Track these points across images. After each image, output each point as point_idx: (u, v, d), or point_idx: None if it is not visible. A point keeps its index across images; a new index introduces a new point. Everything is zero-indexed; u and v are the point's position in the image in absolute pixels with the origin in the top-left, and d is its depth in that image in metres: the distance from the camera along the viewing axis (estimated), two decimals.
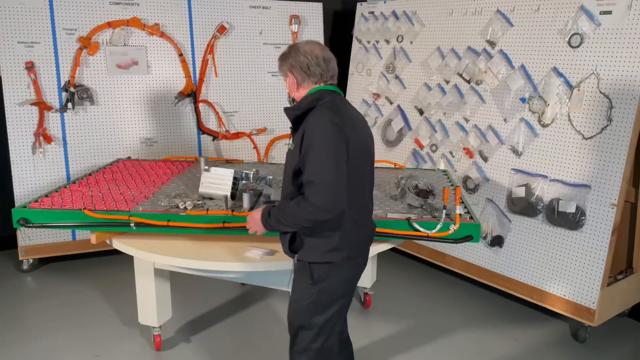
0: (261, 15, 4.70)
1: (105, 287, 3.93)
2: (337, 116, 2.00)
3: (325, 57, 2.13)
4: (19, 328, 3.39)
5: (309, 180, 1.93)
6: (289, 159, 2.13)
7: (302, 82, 2.13)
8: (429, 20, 4.16)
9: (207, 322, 3.47)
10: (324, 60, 2.11)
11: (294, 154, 2.06)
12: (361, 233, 2.18)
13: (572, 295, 3.27)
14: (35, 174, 4.08)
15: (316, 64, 2.10)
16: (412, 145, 4.28)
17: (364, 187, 2.17)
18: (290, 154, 2.11)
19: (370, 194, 2.24)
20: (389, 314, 3.61)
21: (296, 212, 1.96)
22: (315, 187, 1.91)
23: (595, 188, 3.14)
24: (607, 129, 3.09)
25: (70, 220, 2.76)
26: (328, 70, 2.13)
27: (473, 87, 3.80)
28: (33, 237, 4.11)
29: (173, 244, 2.74)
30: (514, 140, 3.55)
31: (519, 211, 3.52)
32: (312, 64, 2.09)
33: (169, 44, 4.38)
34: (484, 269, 3.75)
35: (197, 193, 2.98)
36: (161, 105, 4.44)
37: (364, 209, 2.20)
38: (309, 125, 1.99)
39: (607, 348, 3.26)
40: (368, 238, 2.25)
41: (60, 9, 4.05)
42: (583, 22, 3.18)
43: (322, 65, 2.11)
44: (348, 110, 2.12)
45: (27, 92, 4.01)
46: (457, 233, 2.63)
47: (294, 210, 1.96)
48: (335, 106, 2.06)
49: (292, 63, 2.12)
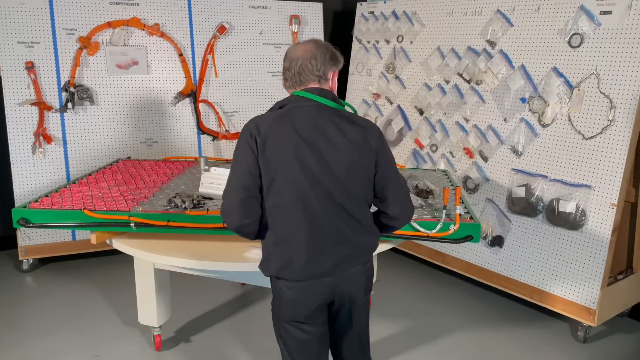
0: (261, 15, 4.70)
1: (105, 287, 3.93)
2: (255, 121, 1.94)
3: (294, 58, 1.98)
4: (19, 328, 3.39)
5: None
6: None
7: (286, 85, 2.06)
8: (429, 20, 4.16)
9: (207, 322, 3.47)
10: (291, 62, 1.99)
11: None
12: (285, 255, 1.95)
13: (572, 295, 3.27)
14: (35, 174, 4.08)
15: (287, 68, 2.02)
16: (412, 145, 4.28)
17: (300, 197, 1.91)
18: None
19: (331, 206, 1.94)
20: (389, 314, 3.61)
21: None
22: (223, 196, 1.99)
23: (595, 188, 3.14)
24: (607, 129, 3.09)
25: (70, 221, 2.76)
26: (294, 74, 1.99)
27: (473, 87, 3.80)
28: (33, 237, 4.11)
29: (173, 244, 2.74)
30: (514, 140, 3.55)
31: (519, 211, 3.52)
32: (290, 66, 2.00)
33: (169, 44, 4.38)
34: (484, 269, 3.75)
35: (197, 193, 2.98)
36: (161, 105, 4.44)
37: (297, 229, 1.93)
38: None
39: (607, 348, 3.26)
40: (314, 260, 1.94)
41: (60, 9, 4.05)
42: (583, 22, 3.18)
43: (291, 70, 1.99)
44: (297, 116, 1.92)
45: (27, 92, 4.01)
46: (457, 233, 2.63)
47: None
48: (271, 110, 1.99)
49: (284, 65, 2.06)
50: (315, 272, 1.97)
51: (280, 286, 2.01)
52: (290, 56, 2.02)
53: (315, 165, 1.91)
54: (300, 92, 2.00)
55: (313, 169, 1.90)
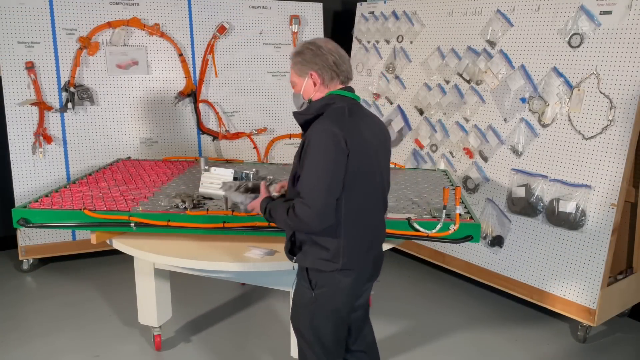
0: (261, 15, 4.70)
1: (105, 287, 3.93)
2: (339, 127, 1.92)
3: (342, 55, 2.04)
4: (19, 328, 3.39)
5: (299, 191, 1.93)
6: (295, 162, 2.06)
7: (328, 82, 2.03)
8: (429, 20, 4.16)
9: (207, 322, 3.48)
10: (340, 57, 2.03)
11: (295, 159, 2.03)
12: (361, 245, 2.09)
13: (572, 295, 3.27)
14: (35, 174, 4.08)
15: (343, 62, 2.03)
16: (412, 145, 4.28)
17: (370, 197, 2.08)
18: (295, 157, 2.05)
19: (382, 201, 2.17)
20: (389, 314, 3.61)
21: (284, 217, 1.98)
22: (302, 201, 1.91)
23: (595, 188, 3.14)
24: (607, 129, 3.09)
25: (70, 221, 2.76)
26: (347, 70, 2.06)
27: (473, 87, 3.80)
28: (33, 237, 4.11)
29: (173, 244, 2.74)
30: (514, 140, 3.55)
31: (519, 211, 3.52)
32: (339, 62, 2.02)
33: (169, 44, 4.38)
34: (484, 269, 3.75)
35: (197, 193, 2.98)
36: (161, 105, 4.44)
37: (368, 220, 2.11)
38: (311, 134, 1.93)
39: (607, 348, 3.26)
40: (370, 249, 2.14)
41: (60, 9, 4.06)
42: (583, 22, 3.18)
43: (347, 64, 2.05)
44: (358, 119, 2.02)
45: (27, 92, 4.02)
46: (457, 233, 2.63)
47: (283, 214, 1.98)
48: (341, 114, 1.98)
49: (317, 62, 2.00)
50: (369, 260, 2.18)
51: (339, 277, 2.07)
52: (336, 52, 2.03)
53: (379, 167, 2.09)
54: (344, 92, 2.07)
55: (381, 171, 2.11)
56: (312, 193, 1.90)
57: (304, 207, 1.91)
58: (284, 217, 1.98)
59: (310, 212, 1.90)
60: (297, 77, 2.08)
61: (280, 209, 2.00)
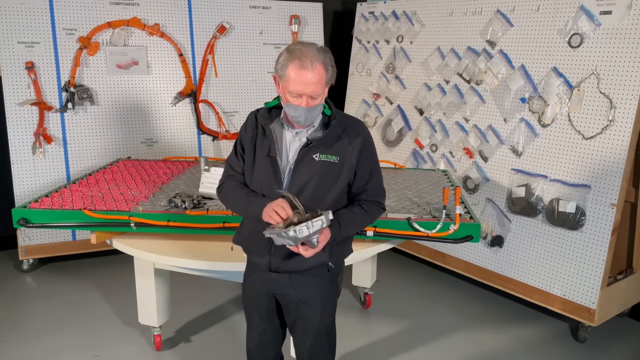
0: (261, 15, 4.70)
1: (105, 287, 3.93)
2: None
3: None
4: (19, 328, 3.39)
5: (379, 187, 2.09)
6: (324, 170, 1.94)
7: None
8: (429, 20, 4.16)
9: (207, 322, 3.48)
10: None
11: (337, 166, 1.95)
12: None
13: (572, 295, 3.27)
14: (35, 174, 4.09)
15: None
16: (412, 145, 4.28)
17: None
18: (328, 165, 1.94)
19: None
20: (389, 314, 3.61)
21: (369, 218, 2.07)
22: (381, 193, 2.10)
23: (595, 188, 3.14)
24: (607, 129, 3.09)
25: (70, 221, 2.76)
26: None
27: (473, 87, 3.80)
28: (33, 237, 4.11)
29: (173, 244, 2.74)
30: (514, 140, 3.55)
31: (519, 211, 3.52)
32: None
33: (169, 44, 4.38)
34: (484, 269, 3.75)
35: (197, 193, 2.98)
36: (161, 105, 4.44)
37: None
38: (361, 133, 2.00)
39: (607, 348, 3.26)
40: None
41: (60, 9, 4.06)
42: (583, 22, 3.18)
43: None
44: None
45: (27, 92, 4.02)
46: (457, 233, 2.63)
47: (366, 217, 2.05)
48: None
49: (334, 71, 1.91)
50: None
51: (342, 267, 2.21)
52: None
53: None
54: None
55: None
56: (381, 182, 2.11)
57: (383, 198, 2.12)
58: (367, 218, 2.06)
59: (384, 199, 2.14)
60: (325, 87, 1.89)
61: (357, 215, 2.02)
